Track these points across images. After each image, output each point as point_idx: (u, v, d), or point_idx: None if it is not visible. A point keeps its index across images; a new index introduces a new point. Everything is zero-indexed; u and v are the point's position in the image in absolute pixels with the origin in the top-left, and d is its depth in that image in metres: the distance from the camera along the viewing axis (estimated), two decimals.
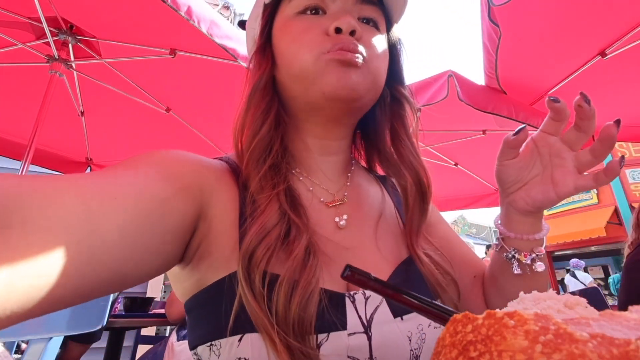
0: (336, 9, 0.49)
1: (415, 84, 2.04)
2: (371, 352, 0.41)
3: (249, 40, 0.61)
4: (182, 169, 0.43)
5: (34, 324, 1.01)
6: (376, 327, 0.42)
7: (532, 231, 0.50)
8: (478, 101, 1.82)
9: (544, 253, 0.51)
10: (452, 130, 2.72)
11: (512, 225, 0.51)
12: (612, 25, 1.69)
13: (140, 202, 0.35)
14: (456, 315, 0.21)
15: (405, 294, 0.39)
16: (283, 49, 0.50)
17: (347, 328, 0.41)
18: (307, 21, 0.49)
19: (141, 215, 0.35)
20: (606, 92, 2.10)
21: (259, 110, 0.49)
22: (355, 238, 0.51)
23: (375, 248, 0.51)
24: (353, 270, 0.52)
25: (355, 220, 0.52)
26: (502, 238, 0.53)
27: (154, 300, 2.39)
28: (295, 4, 0.50)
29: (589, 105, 0.42)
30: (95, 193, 0.32)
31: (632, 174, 8.52)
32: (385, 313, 0.44)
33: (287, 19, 0.50)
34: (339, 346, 0.39)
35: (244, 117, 0.50)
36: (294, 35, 0.49)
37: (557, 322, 0.17)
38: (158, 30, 1.83)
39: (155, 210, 0.36)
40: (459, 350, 0.19)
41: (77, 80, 2.22)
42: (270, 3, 0.53)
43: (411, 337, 0.43)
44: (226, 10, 5.67)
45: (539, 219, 0.51)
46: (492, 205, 3.32)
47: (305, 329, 0.37)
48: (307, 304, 0.38)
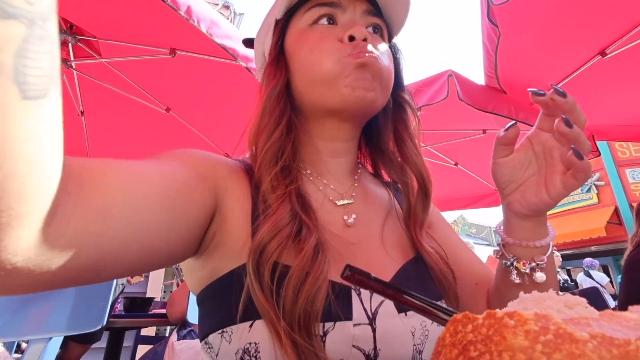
0: (346, 20, 0.54)
1: (415, 83, 2.04)
2: (375, 344, 0.43)
3: (258, 55, 0.65)
4: (200, 162, 0.47)
5: (34, 323, 1.01)
6: (381, 320, 0.44)
7: (532, 237, 0.48)
8: (478, 101, 1.82)
9: (545, 262, 0.48)
10: (452, 130, 2.72)
11: (511, 231, 0.50)
12: (612, 25, 1.69)
13: (167, 180, 0.40)
14: (456, 315, 0.21)
15: (406, 294, 0.39)
16: (302, 57, 0.53)
17: (353, 319, 0.43)
18: (322, 31, 0.53)
19: (168, 194, 0.39)
20: (606, 92, 2.10)
21: (273, 116, 0.52)
22: (363, 235, 0.53)
23: (382, 245, 0.53)
24: (353, 270, 0.53)
25: (364, 218, 0.55)
26: (503, 244, 0.52)
27: (154, 300, 2.40)
28: (308, 16, 0.54)
29: (564, 97, 0.41)
30: (132, 170, 0.37)
31: (632, 174, 8.53)
32: (390, 307, 0.45)
33: (302, 31, 0.54)
34: (344, 335, 0.41)
35: (258, 122, 0.53)
36: (312, 44, 0.52)
37: (557, 322, 0.17)
38: (158, 30, 1.83)
39: (181, 192, 0.40)
40: (459, 350, 0.19)
41: (77, 80, 2.23)
42: (281, 18, 0.57)
43: (414, 332, 0.45)
44: (226, 10, 5.67)
45: (539, 223, 0.49)
46: (492, 205, 3.32)
47: (312, 321, 0.39)
48: (314, 297, 0.40)
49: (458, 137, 2.75)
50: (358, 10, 0.54)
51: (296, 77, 0.54)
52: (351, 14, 0.54)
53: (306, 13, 0.54)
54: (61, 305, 1.06)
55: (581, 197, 9.41)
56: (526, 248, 0.49)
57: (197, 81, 2.15)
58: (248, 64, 1.56)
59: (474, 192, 3.38)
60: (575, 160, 0.41)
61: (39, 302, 1.05)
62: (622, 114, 2.22)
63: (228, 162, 0.52)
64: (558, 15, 1.65)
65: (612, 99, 2.15)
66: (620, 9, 1.59)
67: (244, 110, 2.16)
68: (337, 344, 0.41)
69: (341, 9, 0.54)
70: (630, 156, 8.63)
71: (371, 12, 0.55)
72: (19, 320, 1.01)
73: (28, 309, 1.02)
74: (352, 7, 0.54)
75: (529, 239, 0.49)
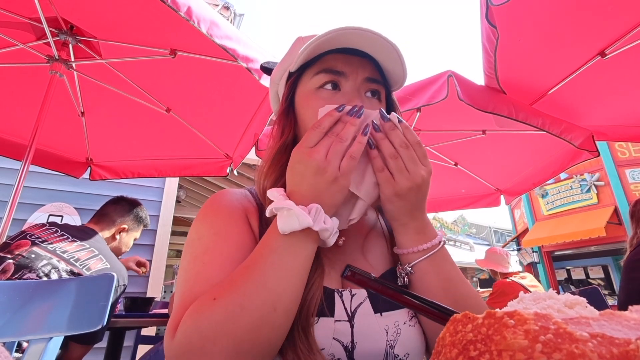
0: (348, 89, 0.61)
1: (415, 84, 2.04)
2: (353, 338, 0.52)
3: (273, 94, 0.74)
4: (242, 214, 0.62)
5: (34, 323, 1.01)
6: (359, 318, 0.53)
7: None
8: (478, 101, 1.82)
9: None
10: (452, 130, 2.72)
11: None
12: (612, 25, 1.68)
13: (247, 252, 0.55)
14: (456, 314, 0.21)
15: (406, 294, 0.39)
16: (305, 118, 0.62)
17: (335, 316, 0.53)
18: (326, 97, 0.61)
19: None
20: (606, 92, 2.10)
21: (279, 165, 0.62)
22: (349, 252, 0.63)
23: (363, 257, 0.63)
24: (353, 270, 0.53)
25: (351, 241, 0.65)
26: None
27: (155, 300, 2.39)
28: (316, 80, 0.62)
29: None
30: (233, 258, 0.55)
31: (632, 174, 8.52)
32: (367, 308, 0.55)
33: (309, 93, 0.62)
34: (326, 328, 0.51)
35: (268, 167, 0.63)
36: (313, 109, 0.59)
37: (557, 321, 0.17)
38: (158, 30, 1.83)
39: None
40: (459, 349, 0.19)
41: (78, 81, 2.22)
42: (294, 72, 0.65)
43: (388, 330, 0.54)
44: (226, 11, 5.66)
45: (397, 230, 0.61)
46: (492, 205, 3.32)
47: (309, 315, 0.50)
48: (309, 304, 0.51)
49: (458, 137, 2.75)
50: (360, 78, 0.61)
51: (301, 131, 0.64)
52: (353, 81, 0.61)
53: (314, 76, 0.62)
54: (61, 304, 1.06)
55: (581, 197, 9.39)
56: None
57: (197, 82, 2.15)
58: (248, 64, 1.56)
59: (474, 192, 3.38)
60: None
61: (39, 302, 1.04)
62: (622, 115, 2.22)
63: (240, 198, 0.65)
64: (557, 15, 1.65)
65: (612, 100, 2.14)
66: (619, 9, 1.59)
67: (244, 111, 2.16)
68: (320, 336, 0.50)
69: (344, 77, 0.61)
70: (630, 156, 8.62)
71: (370, 79, 0.62)
72: (19, 320, 1.00)
73: (28, 308, 1.02)
74: (355, 75, 0.61)
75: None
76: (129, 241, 1.96)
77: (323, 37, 0.57)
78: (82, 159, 2.79)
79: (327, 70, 0.61)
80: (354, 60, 0.61)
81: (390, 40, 0.57)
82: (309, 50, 0.58)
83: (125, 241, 1.92)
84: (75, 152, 2.74)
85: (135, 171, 2.84)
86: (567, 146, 2.35)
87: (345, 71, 0.61)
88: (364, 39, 0.57)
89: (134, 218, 1.94)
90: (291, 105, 0.66)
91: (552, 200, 10.07)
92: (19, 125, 2.30)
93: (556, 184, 9.88)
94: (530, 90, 2.10)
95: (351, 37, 0.57)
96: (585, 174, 9.30)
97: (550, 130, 1.91)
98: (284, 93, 0.67)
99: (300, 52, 0.60)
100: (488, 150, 2.85)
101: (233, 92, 2.13)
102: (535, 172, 2.90)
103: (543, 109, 2.07)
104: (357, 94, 0.61)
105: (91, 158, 2.80)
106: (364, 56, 0.61)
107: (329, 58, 0.61)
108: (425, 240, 0.57)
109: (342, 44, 0.59)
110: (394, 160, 0.54)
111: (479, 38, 1.67)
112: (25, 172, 1.88)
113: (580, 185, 9.40)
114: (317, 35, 0.58)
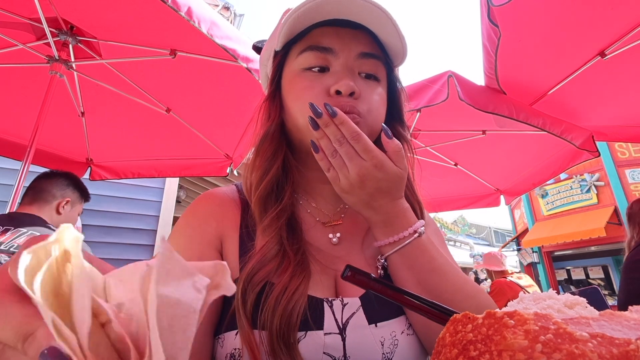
0: (339, 67, 0.53)
1: (416, 84, 2.04)
2: (345, 351, 0.46)
3: (263, 76, 0.67)
4: (204, 226, 0.57)
5: None
6: (351, 330, 0.48)
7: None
8: (479, 101, 1.82)
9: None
10: (452, 131, 2.72)
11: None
12: (611, 25, 1.69)
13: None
14: (456, 315, 0.21)
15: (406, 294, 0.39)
16: (288, 103, 0.55)
17: (324, 328, 0.47)
18: (311, 79, 0.53)
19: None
20: (606, 92, 2.10)
21: (265, 157, 0.56)
22: (347, 249, 0.57)
23: (363, 257, 0.57)
24: (353, 271, 0.53)
25: (348, 235, 0.59)
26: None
27: None
28: (301, 60, 0.54)
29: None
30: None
31: (632, 174, 8.52)
32: (360, 319, 0.49)
33: (294, 74, 0.55)
34: (315, 343, 0.46)
35: (253, 160, 0.58)
36: (298, 92, 0.53)
37: (557, 321, 0.17)
38: (158, 30, 1.83)
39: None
40: (459, 349, 0.19)
41: (78, 81, 2.22)
42: (280, 51, 0.57)
43: (384, 342, 0.48)
44: (226, 11, 5.67)
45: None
46: (492, 205, 3.32)
47: (290, 330, 0.44)
48: (291, 310, 0.45)
49: (458, 138, 2.75)
50: (352, 53, 0.53)
51: (287, 117, 0.57)
52: (344, 59, 0.53)
53: (300, 55, 0.54)
54: None
55: (581, 197, 9.40)
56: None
57: (197, 82, 2.15)
58: (248, 64, 1.56)
59: (474, 192, 3.38)
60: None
61: None
62: (622, 115, 2.22)
63: (223, 201, 0.60)
64: (558, 16, 1.65)
65: (612, 100, 2.15)
66: (619, 9, 1.59)
67: (244, 111, 2.16)
68: (309, 352, 0.45)
69: (333, 55, 0.53)
70: (630, 157, 8.62)
71: (366, 54, 0.54)
72: None
73: None
74: (347, 50, 0.53)
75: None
76: (75, 215, 1.77)
77: (304, 6, 0.49)
78: (82, 159, 2.79)
79: (312, 47, 0.53)
80: (345, 34, 0.53)
81: (383, 8, 0.49)
82: (289, 24, 0.51)
83: (71, 215, 1.74)
84: (75, 153, 2.74)
85: (135, 171, 2.84)
86: (567, 146, 2.36)
87: (333, 47, 0.52)
88: (355, 6, 0.49)
89: (75, 189, 1.75)
90: (278, 89, 0.58)
91: (552, 201, 10.07)
92: (19, 126, 2.30)
93: (556, 184, 9.88)
94: (530, 91, 2.10)
95: (338, 5, 0.49)
96: (585, 174, 9.30)
97: (551, 131, 1.91)
98: (271, 74, 0.59)
99: (281, 27, 0.52)
100: (488, 151, 2.85)
101: (233, 92, 2.13)
102: (535, 172, 2.91)
103: (543, 109, 2.08)
104: (348, 74, 0.52)
105: (91, 158, 2.80)
106: (358, 28, 0.53)
107: (316, 32, 0.53)
108: (392, 232, 0.51)
109: (330, 15, 0.51)
110: (332, 158, 0.50)
111: (479, 38, 1.68)
112: (25, 172, 1.88)
113: (580, 185, 9.40)
114: (298, 4, 0.50)
